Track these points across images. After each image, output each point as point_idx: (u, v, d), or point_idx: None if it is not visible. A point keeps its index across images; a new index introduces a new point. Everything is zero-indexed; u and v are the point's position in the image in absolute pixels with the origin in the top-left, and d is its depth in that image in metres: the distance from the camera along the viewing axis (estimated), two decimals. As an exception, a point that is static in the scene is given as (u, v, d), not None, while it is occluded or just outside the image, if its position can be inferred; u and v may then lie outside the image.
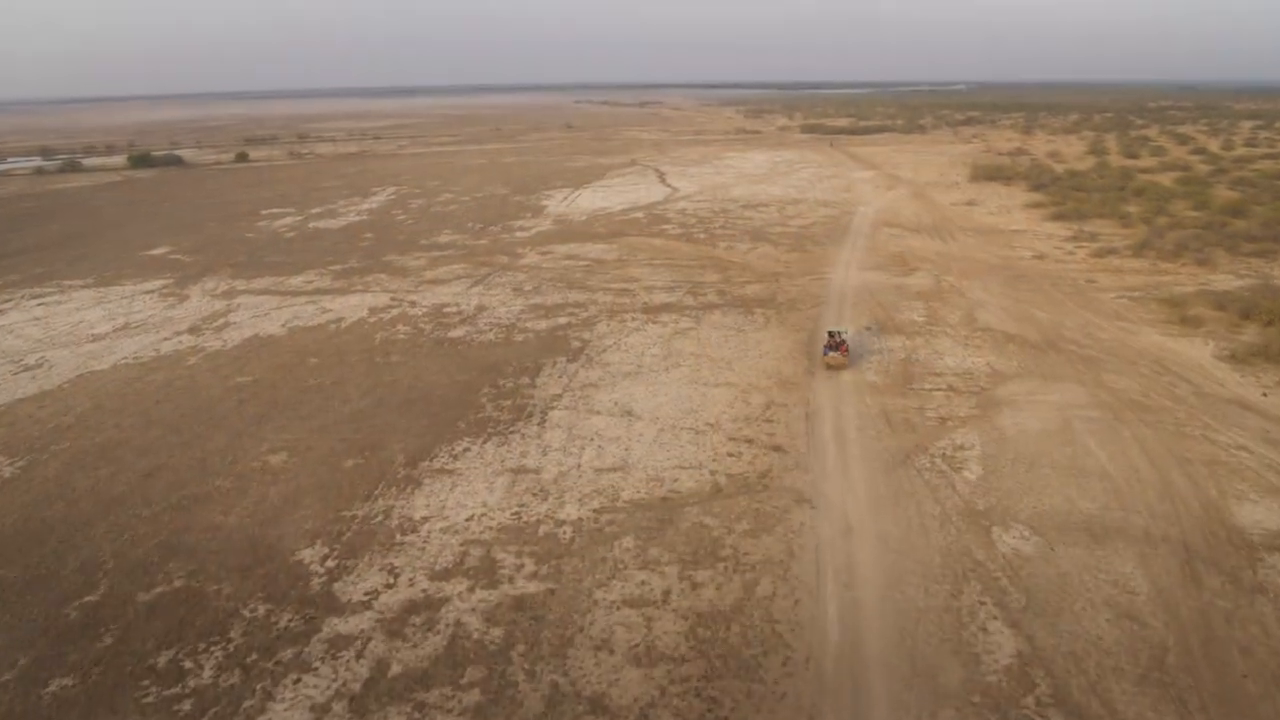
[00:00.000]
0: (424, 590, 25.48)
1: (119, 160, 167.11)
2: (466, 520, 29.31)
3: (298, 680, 21.86)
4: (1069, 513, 29.00)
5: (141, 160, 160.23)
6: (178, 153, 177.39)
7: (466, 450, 34.64)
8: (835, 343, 43.93)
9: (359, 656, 22.69)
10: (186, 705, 21.12)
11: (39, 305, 59.64)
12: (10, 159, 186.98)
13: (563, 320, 52.16)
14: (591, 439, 35.38)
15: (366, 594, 25.39)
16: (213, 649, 23.14)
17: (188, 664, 22.59)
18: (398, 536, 28.47)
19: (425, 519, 29.52)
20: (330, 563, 27.09)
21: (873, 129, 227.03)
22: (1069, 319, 50.65)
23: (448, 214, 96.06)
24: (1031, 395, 39.13)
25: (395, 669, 22.19)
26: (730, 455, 33.59)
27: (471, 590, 25.37)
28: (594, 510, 29.72)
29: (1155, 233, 73.94)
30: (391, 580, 26.04)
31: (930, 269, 63.82)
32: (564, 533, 28.35)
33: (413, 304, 57.17)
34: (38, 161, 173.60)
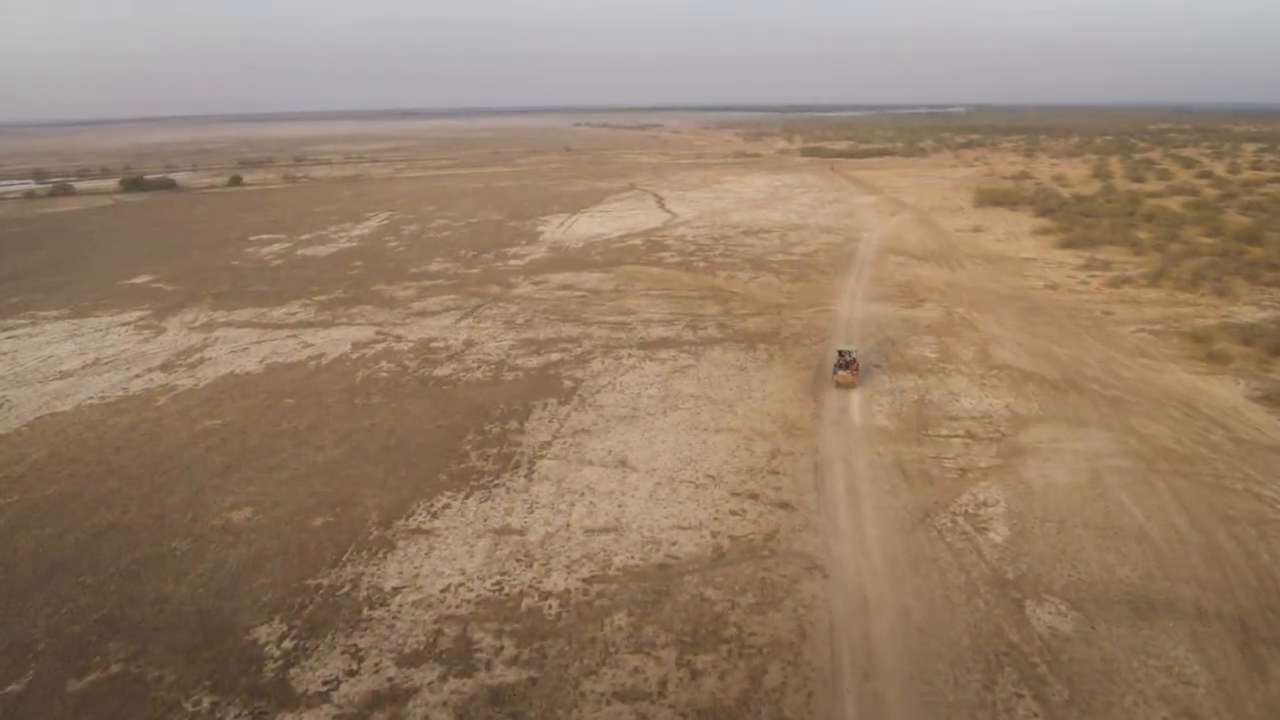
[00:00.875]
0: (390, 679, 22.62)
1: (112, 184, 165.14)
2: (442, 591, 26.49)
3: (238, 796, 19.01)
4: (1108, 582, 26.21)
5: (134, 184, 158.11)
6: (171, 176, 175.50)
7: (446, 507, 31.85)
8: (845, 361, 43.96)
9: (311, 765, 19.84)
10: (106, 829, 18.26)
11: (8, 339, 56.96)
12: (2, 182, 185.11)
13: (555, 357, 49.49)
14: (582, 494, 32.60)
15: (325, 683, 22.53)
16: (145, 754, 20.30)
17: (114, 774, 19.75)
18: (365, 611, 25.63)
19: (397, 589, 26.69)
20: (288, 643, 24.24)
21: (873, 152, 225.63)
22: (1089, 355, 48.03)
23: (440, 240, 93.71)
24: (1056, 442, 36.42)
25: (351, 781, 19.35)
26: (733, 513, 30.80)
27: (444, 679, 22.52)
28: (583, 580, 26.90)
29: (1170, 261, 71.55)
30: (355, 666, 23.19)
31: (939, 300, 61.29)
32: (549, 607, 25.51)
33: (398, 338, 54.52)
34: (30, 185, 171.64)
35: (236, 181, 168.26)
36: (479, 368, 47.93)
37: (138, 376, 48.31)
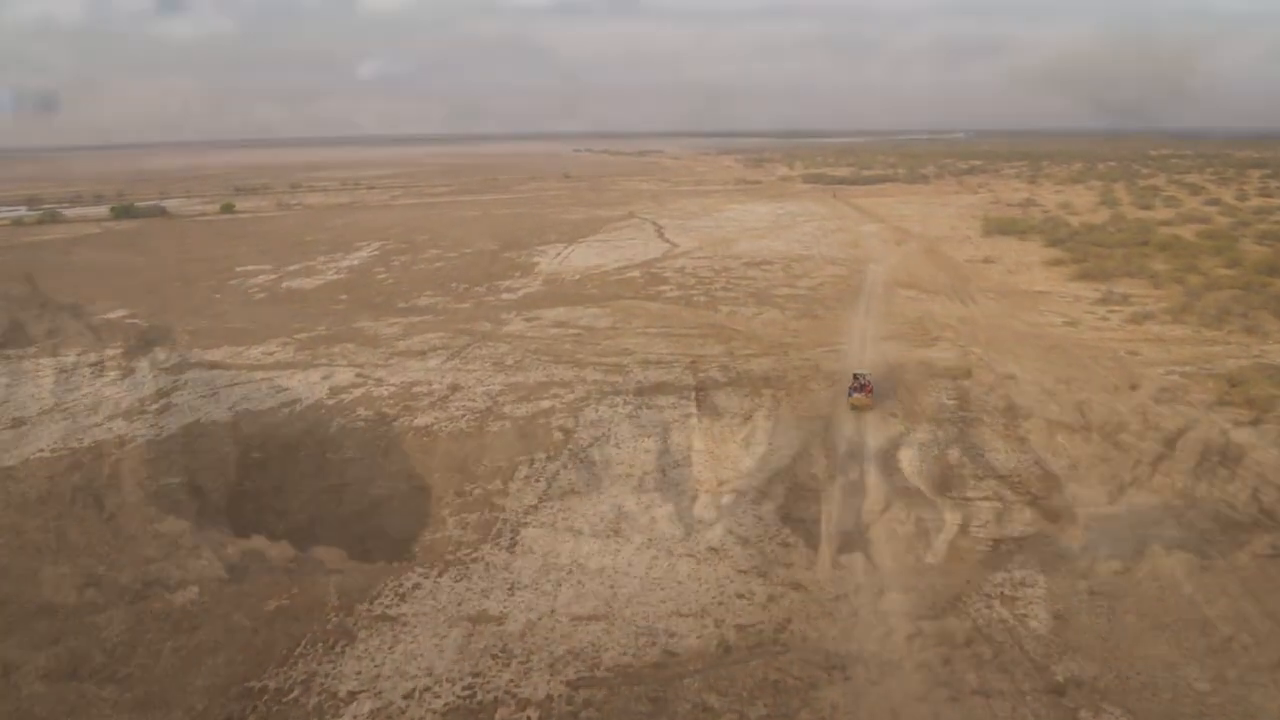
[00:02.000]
0: (334, 819, 19.07)
1: (102, 210, 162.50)
2: (404, 698, 22.95)
3: None
4: (1175, 689, 22.68)
5: (124, 211, 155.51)
6: (163, 203, 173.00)
7: (417, 587, 28.35)
8: (860, 384, 44.56)
9: None
10: None
11: (-34, 381, 53.60)
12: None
13: (546, 404, 46.07)
14: (570, 570, 29.13)
15: (257, 825, 18.98)
16: None
17: None
18: (313, 724, 22.10)
19: (353, 694, 23.16)
20: (219, 768, 20.69)
21: (875, 178, 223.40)
22: (1119, 401, 44.62)
23: (432, 272, 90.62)
24: (1095, 507, 32.99)
25: None
26: (740, 596, 27.32)
27: (397, 821, 18.96)
28: (567, 683, 23.36)
29: (1191, 295, 68.39)
30: (294, 801, 19.64)
31: (954, 338, 57.99)
32: (527, 721, 21.97)
33: (379, 381, 51.12)
34: (21, 211, 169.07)
35: (229, 209, 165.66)
36: (463, 416, 44.50)
37: (97, 424, 44.89)
